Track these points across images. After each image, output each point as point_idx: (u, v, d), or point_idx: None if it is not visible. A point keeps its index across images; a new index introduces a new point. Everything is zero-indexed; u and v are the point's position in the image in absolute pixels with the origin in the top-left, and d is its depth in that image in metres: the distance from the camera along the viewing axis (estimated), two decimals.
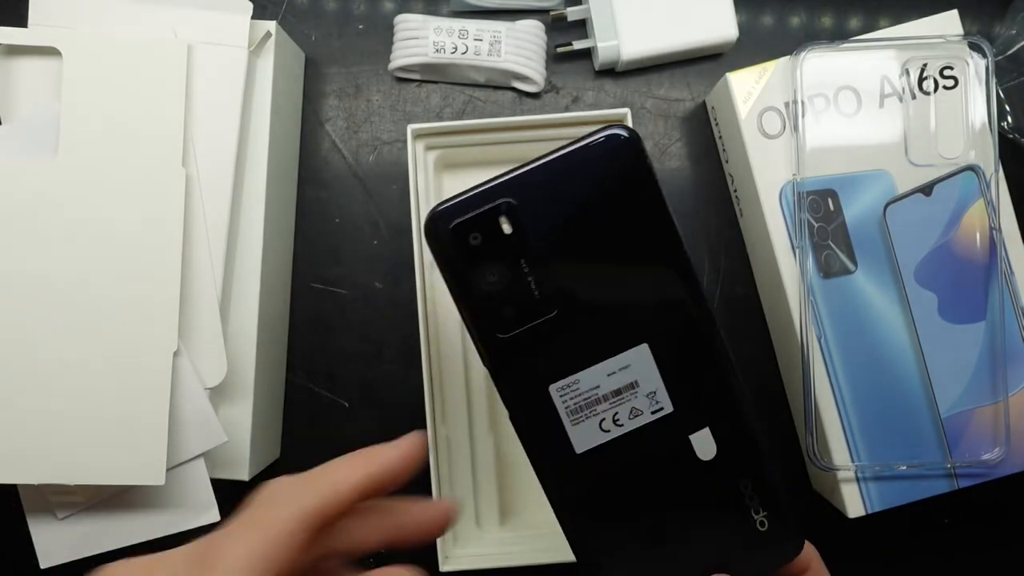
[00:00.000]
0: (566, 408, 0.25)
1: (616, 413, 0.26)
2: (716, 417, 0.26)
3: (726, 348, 0.26)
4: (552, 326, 0.25)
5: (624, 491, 0.26)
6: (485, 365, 0.25)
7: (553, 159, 0.24)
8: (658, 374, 0.25)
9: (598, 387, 0.25)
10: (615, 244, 0.25)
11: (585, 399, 0.25)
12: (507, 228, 0.24)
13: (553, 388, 0.25)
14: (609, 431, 0.26)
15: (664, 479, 0.26)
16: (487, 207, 0.24)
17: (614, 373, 0.25)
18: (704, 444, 0.26)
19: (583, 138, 0.24)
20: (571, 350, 0.25)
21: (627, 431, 0.26)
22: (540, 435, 0.26)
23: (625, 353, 0.25)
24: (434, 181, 0.40)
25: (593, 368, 0.25)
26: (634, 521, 0.26)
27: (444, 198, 0.24)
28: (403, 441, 0.25)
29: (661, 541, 0.26)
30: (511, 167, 0.24)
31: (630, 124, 0.38)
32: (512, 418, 0.26)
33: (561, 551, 0.28)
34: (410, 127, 0.38)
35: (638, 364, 0.25)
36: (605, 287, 0.25)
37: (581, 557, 0.26)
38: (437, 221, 0.24)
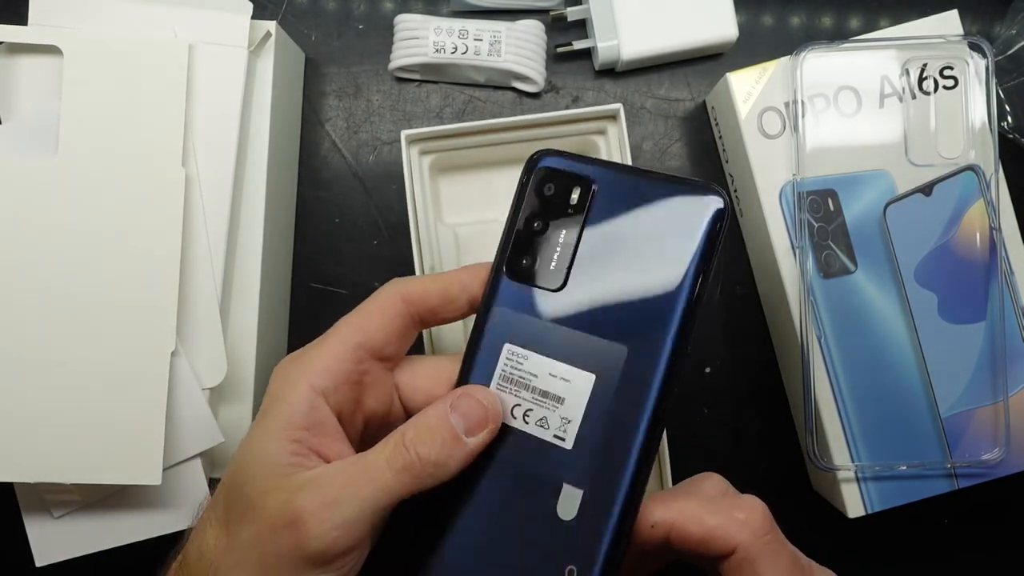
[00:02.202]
0: (503, 371, 0.26)
1: (530, 409, 0.25)
2: (599, 492, 0.24)
3: (656, 445, 0.25)
4: (544, 300, 0.26)
5: (480, 482, 0.25)
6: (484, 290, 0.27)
7: (653, 177, 0.25)
8: (584, 410, 0.25)
9: (536, 376, 0.26)
10: (641, 280, 0.25)
11: (520, 376, 0.26)
12: (574, 200, 0.26)
13: (507, 347, 0.26)
14: (515, 419, 0.26)
15: (515, 500, 0.25)
16: (573, 173, 0.26)
17: (555, 377, 0.25)
18: (570, 501, 0.25)
19: (687, 179, 0.25)
20: (542, 331, 0.26)
21: (525, 431, 0.25)
22: (472, 374, 0.26)
23: (575, 369, 0.25)
24: (430, 185, 0.40)
25: (544, 359, 0.25)
26: (460, 512, 0.26)
27: (564, 150, 0.27)
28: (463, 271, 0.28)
29: (465, 554, 0.25)
30: (624, 163, 0.26)
31: (623, 118, 0.37)
32: (468, 342, 0.27)
33: None
34: (404, 133, 0.38)
35: (576, 386, 0.25)
36: (608, 306, 0.25)
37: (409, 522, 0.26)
38: (538, 156, 0.27)
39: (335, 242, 0.44)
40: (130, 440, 0.34)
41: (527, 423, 0.25)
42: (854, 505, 0.38)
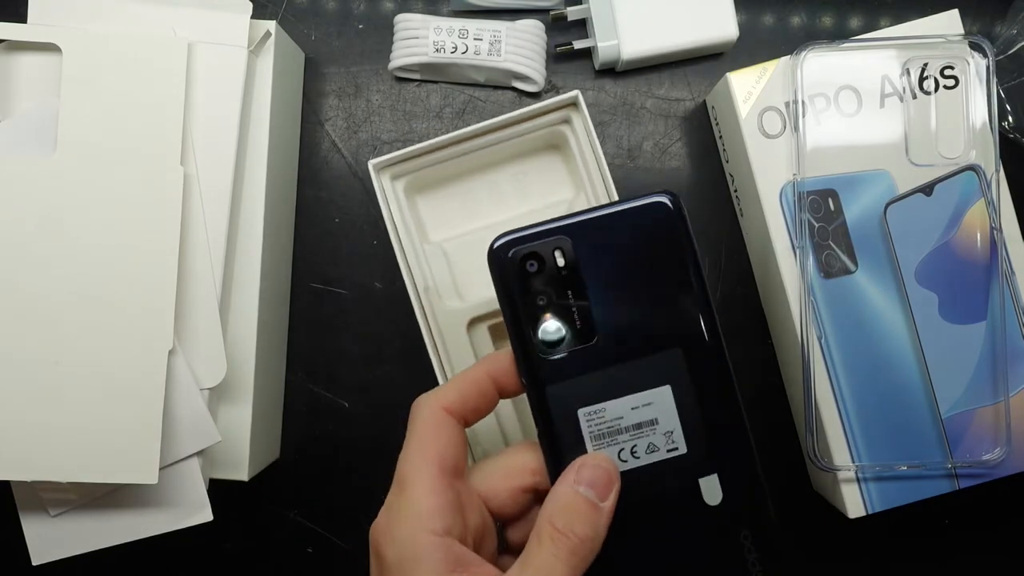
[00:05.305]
0: (590, 432, 0.27)
1: (635, 446, 0.27)
2: (725, 465, 0.28)
3: (740, 400, 0.28)
4: (587, 355, 0.27)
5: (630, 523, 0.27)
6: (522, 382, 0.28)
7: (607, 213, 0.28)
8: (677, 415, 0.27)
9: (621, 418, 0.27)
10: (652, 293, 0.28)
11: (609, 427, 0.27)
12: (561, 262, 0.27)
13: (582, 412, 0.27)
14: (627, 461, 0.27)
15: (669, 518, 0.28)
16: (546, 240, 0.27)
17: (637, 408, 0.27)
18: (711, 489, 0.27)
19: (634, 198, 0.28)
20: (602, 380, 0.27)
21: (642, 464, 0.27)
22: (565, 454, 0.27)
23: (649, 391, 0.27)
24: (408, 207, 0.39)
25: (619, 400, 0.27)
26: (633, 554, 0.27)
27: (512, 228, 0.28)
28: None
29: None
30: (571, 212, 0.28)
31: (583, 104, 0.37)
32: (540, 434, 0.28)
33: None
34: (371, 162, 0.37)
35: (660, 403, 0.27)
36: (639, 329, 0.27)
37: None
38: (501, 247, 0.27)
39: (335, 242, 0.44)
40: (127, 439, 0.34)
41: (638, 458, 0.28)
42: (854, 505, 0.38)
